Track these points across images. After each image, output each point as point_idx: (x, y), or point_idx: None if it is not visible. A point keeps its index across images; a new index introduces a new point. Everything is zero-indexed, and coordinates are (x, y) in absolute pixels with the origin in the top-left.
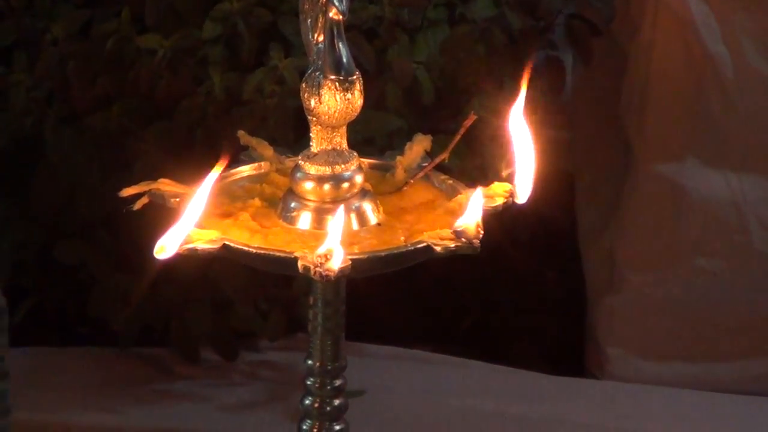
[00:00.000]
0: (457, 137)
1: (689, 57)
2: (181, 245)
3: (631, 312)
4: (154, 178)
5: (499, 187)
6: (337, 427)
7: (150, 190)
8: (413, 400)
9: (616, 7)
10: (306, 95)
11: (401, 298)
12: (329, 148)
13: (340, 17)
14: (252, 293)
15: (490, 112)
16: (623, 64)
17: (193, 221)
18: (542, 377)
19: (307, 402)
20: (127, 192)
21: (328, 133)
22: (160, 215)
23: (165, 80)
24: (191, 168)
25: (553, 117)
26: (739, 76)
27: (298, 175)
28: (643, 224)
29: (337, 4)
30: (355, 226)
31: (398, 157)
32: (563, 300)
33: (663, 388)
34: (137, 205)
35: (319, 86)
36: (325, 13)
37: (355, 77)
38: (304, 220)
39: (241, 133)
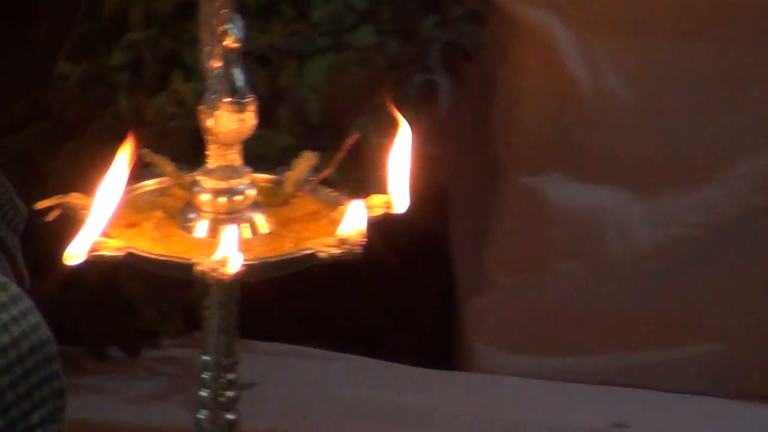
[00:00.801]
0: (340, 154)
1: (553, 80)
2: (89, 253)
3: (498, 312)
4: (66, 193)
5: (378, 199)
6: (231, 417)
7: (62, 203)
8: (299, 391)
9: (486, 35)
10: (204, 116)
11: (290, 300)
12: (225, 164)
13: (236, 45)
14: (154, 296)
15: (372, 131)
16: (493, 86)
17: (99, 231)
18: (417, 370)
19: (203, 394)
20: (41, 205)
21: (223, 151)
22: (71, 226)
23: (76, 104)
24: (100, 183)
25: (429, 134)
26: (598, 97)
27: (196, 188)
28: (510, 232)
29: (233, 33)
30: (247, 234)
31: (287, 172)
32: (436, 301)
33: (525, 380)
34: (50, 217)
35: (216, 108)
36: (223, 41)
37: (248, 100)
38: (202, 230)
39: (144, 151)
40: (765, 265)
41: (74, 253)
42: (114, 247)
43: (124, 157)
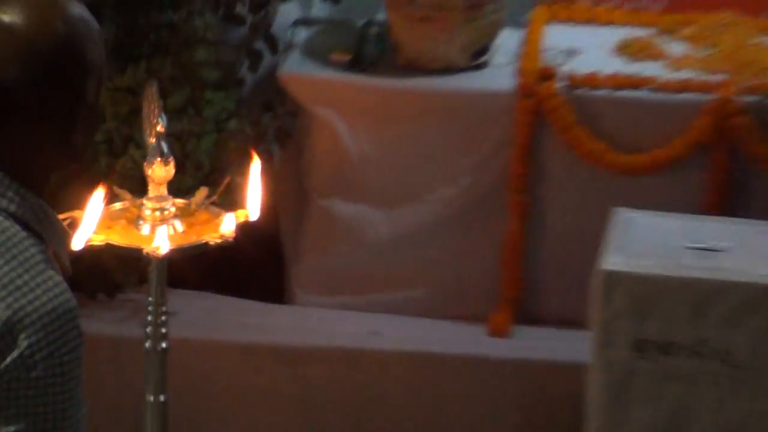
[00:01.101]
0: (221, 188)
1: (334, 147)
2: (85, 242)
3: (308, 272)
4: (72, 211)
5: (241, 212)
6: (163, 330)
7: (70, 216)
8: (200, 316)
9: (298, 123)
10: (146, 168)
11: (194, 266)
12: (158, 194)
13: (162, 130)
14: (122, 265)
15: (239, 176)
16: (303, 151)
17: (90, 231)
18: (263, 304)
19: (149, 318)
20: (60, 217)
21: (157, 188)
22: (75, 229)
23: (77, 163)
24: (90, 205)
25: (269, 176)
26: (360, 156)
27: (143, 207)
28: (313, 230)
29: (161, 123)
30: (171, 232)
31: (192, 199)
32: (274, 267)
33: (324, 310)
34: (65, 224)
35: (153, 164)
36: (156, 127)
37: (170, 159)
38: (146, 230)
39: (115, 187)
40: (449, 244)
41: (77, 243)
42: (99, 240)
43: (101, 191)
